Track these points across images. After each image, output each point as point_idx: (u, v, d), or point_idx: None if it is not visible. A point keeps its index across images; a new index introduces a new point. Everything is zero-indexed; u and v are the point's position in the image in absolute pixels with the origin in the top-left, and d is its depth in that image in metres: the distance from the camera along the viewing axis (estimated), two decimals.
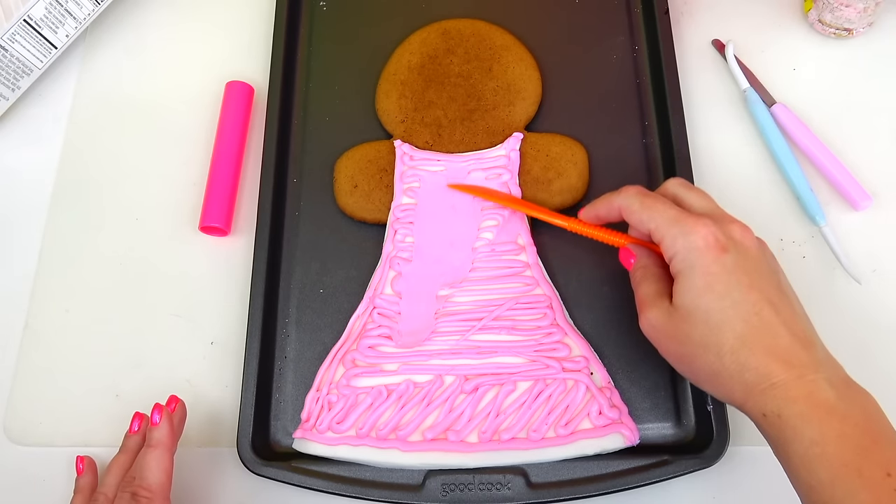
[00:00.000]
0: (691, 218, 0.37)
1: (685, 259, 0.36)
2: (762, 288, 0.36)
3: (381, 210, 0.47)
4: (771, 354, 0.34)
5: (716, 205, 0.39)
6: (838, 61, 0.52)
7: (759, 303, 0.35)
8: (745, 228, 0.37)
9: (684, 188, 0.40)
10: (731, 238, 0.36)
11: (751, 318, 0.35)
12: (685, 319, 0.36)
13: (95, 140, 0.53)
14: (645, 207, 0.38)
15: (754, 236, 0.37)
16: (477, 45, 0.52)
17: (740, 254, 0.36)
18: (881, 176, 0.48)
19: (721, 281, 0.35)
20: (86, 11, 0.53)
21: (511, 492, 0.41)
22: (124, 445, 0.42)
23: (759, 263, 0.37)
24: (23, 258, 0.50)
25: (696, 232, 0.36)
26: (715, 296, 0.35)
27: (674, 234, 0.36)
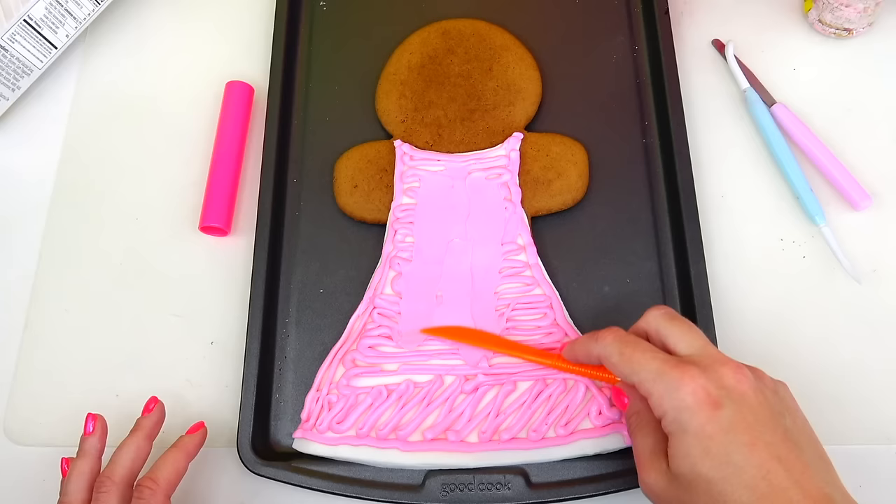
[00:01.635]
0: (676, 370, 0.33)
1: (675, 420, 0.33)
2: (767, 442, 0.32)
3: (381, 210, 0.47)
4: None
5: (703, 341, 0.35)
6: (838, 61, 0.52)
7: (765, 464, 0.31)
8: (738, 371, 0.33)
9: (666, 321, 0.36)
10: (724, 388, 0.33)
11: (758, 485, 0.31)
12: (685, 489, 0.32)
13: (95, 140, 0.53)
14: (625, 360, 0.35)
15: (749, 377, 0.34)
16: (477, 45, 0.52)
17: (737, 405, 0.32)
18: (881, 176, 0.48)
19: (718, 443, 0.32)
20: (86, 11, 0.53)
21: (511, 492, 0.41)
22: (82, 449, 0.41)
23: (759, 412, 0.33)
24: (23, 258, 0.50)
25: (683, 387, 0.32)
26: (714, 462, 0.31)
27: (660, 391, 0.33)
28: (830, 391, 0.44)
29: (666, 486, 0.33)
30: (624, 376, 0.35)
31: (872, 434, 0.43)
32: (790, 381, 0.44)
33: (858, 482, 0.42)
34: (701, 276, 0.44)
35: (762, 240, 0.48)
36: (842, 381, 0.44)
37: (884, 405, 0.44)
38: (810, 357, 0.45)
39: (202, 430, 0.42)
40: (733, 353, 0.44)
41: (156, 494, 0.38)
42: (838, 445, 0.43)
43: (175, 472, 0.40)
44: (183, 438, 0.42)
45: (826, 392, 0.44)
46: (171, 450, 0.41)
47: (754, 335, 0.45)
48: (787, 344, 0.45)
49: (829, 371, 0.44)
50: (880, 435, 0.43)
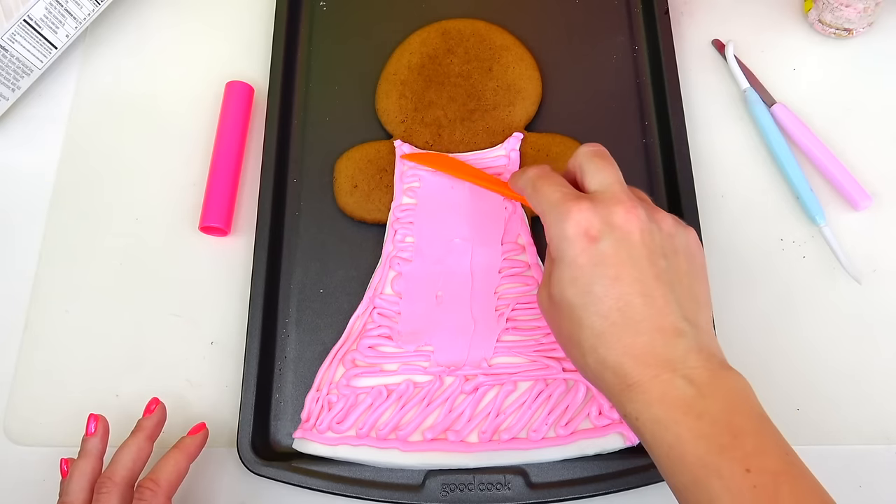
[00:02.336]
0: (569, 202, 0.34)
1: (557, 248, 0.35)
2: (634, 278, 0.33)
3: (381, 210, 0.47)
4: (627, 353, 0.33)
5: (615, 178, 0.36)
6: (838, 61, 0.52)
7: (624, 296, 0.33)
8: (629, 210, 0.34)
9: (588, 158, 0.37)
10: (610, 223, 0.34)
11: (611, 314, 0.33)
12: (556, 310, 0.35)
13: (95, 140, 0.53)
14: (534, 191, 0.37)
15: (641, 217, 0.34)
16: (477, 45, 0.52)
17: (616, 241, 0.34)
18: (881, 176, 0.48)
19: (585, 273, 0.33)
20: (86, 11, 0.53)
21: (511, 492, 0.41)
22: (84, 449, 0.41)
23: (637, 250, 0.34)
24: (23, 258, 0.50)
25: (569, 219, 0.34)
26: (578, 290, 0.34)
27: (550, 221, 0.35)
28: (830, 391, 0.44)
29: (548, 306, 0.36)
30: (533, 206, 0.37)
31: (872, 434, 0.43)
32: (790, 381, 0.44)
33: (858, 482, 0.42)
34: None
35: (762, 240, 0.48)
36: (841, 380, 0.44)
37: (884, 405, 0.44)
38: (810, 357, 0.45)
39: (203, 432, 0.42)
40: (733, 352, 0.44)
41: (157, 496, 0.38)
42: (838, 445, 0.43)
43: (176, 473, 0.40)
44: (184, 440, 0.42)
45: (826, 392, 0.44)
46: (172, 451, 0.41)
47: (754, 335, 0.45)
48: (787, 344, 0.45)
49: (829, 371, 0.44)
50: (880, 435, 0.43)
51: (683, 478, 0.31)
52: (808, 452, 0.43)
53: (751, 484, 0.30)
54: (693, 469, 0.31)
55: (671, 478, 0.32)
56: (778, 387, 0.44)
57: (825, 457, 0.42)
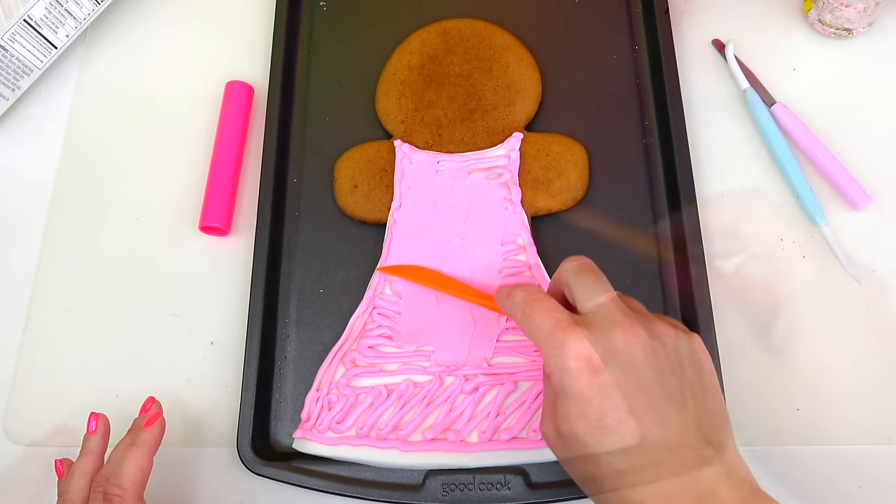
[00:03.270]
0: (563, 332, 0.33)
1: (559, 381, 0.33)
2: (646, 408, 0.32)
3: (381, 210, 0.47)
4: (651, 493, 0.31)
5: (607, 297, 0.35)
6: (838, 61, 0.52)
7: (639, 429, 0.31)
8: (629, 332, 0.33)
9: (574, 275, 0.36)
10: (611, 350, 0.32)
11: (628, 451, 0.31)
12: (567, 446, 0.33)
13: (95, 140, 0.53)
14: (525, 319, 0.35)
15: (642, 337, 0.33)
16: (477, 45, 0.52)
17: (620, 369, 0.32)
18: (881, 176, 0.48)
19: (594, 408, 0.32)
20: (86, 11, 0.53)
21: (511, 492, 0.41)
22: (85, 448, 0.40)
23: (644, 374, 0.32)
24: (23, 258, 0.50)
25: (568, 351, 0.32)
26: (588, 425, 0.32)
27: (547, 353, 0.33)
28: (830, 391, 0.44)
29: (555, 441, 0.34)
30: (524, 332, 0.35)
31: (872, 434, 0.43)
32: (790, 381, 0.44)
33: (858, 482, 0.42)
34: (701, 277, 0.44)
35: (762, 240, 0.48)
36: (842, 381, 0.44)
37: (884, 405, 0.44)
38: (810, 357, 0.45)
39: (160, 421, 0.40)
40: (734, 352, 0.44)
41: (126, 500, 0.36)
42: (838, 445, 0.43)
43: (141, 472, 0.38)
44: (141, 433, 0.39)
45: (826, 392, 0.44)
46: (130, 448, 0.38)
47: (754, 335, 0.45)
48: (787, 344, 0.45)
49: (829, 371, 0.44)
50: (880, 435, 0.43)
51: None
52: (808, 452, 0.43)
53: None
54: None
55: None
56: (778, 387, 0.44)
57: (825, 457, 0.43)
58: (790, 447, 0.43)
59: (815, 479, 0.42)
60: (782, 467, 0.42)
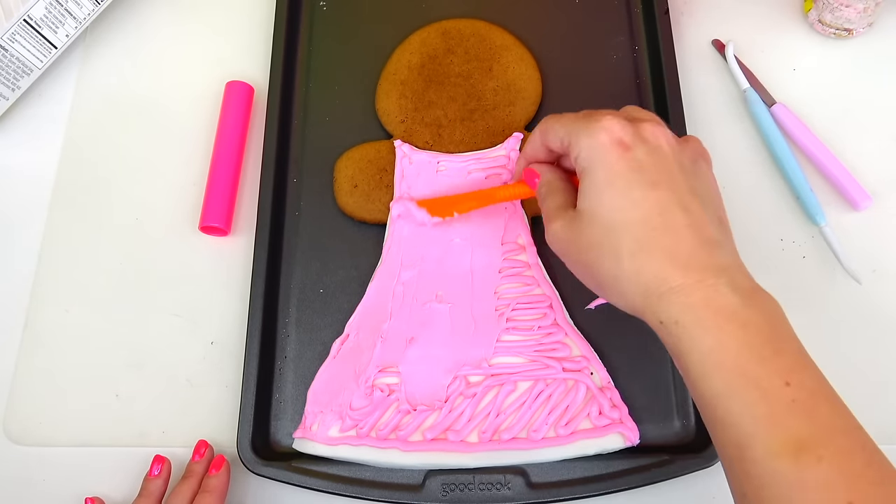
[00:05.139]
0: (598, 114, 0.35)
1: (588, 157, 0.34)
2: (670, 187, 0.33)
3: (381, 210, 0.47)
4: (670, 257, 0.32)
5: (640, 109, 0.37)
6: (838, 61, 0.52)
7: (663, 202, 0.33)
8: (658, 126, 0.35)
9: (578, 116, 0.37)
10: (640, 135, 0.34)
11: (652, 219, 0.33)
12: (587, 223, 0.34)
13: (95, 140, 0.53)
14: (560, 119, 0.37)
15: (669, 135, 0.35)
16: (477, 45, 0.52)
17: (649, 151, 0.34)
18: (881, 176, 0.48)
19: (623, 178, 0.33)
20: (86, 11, 0.53)
21: (511, 492, 0.41)
22: (146, 489, 0.41)
23: (669, 162, 0.34)
24: (23, 258, 0.50)
25: (600, 128, 0.34)
26: (615, 193, 0.33)
27: (579, 131, 0.35)
28: None
29: (569, 228, 0.35)
30: (556, 134, 0.37)
31: (872, 434, 0.43)
32: None
33: None
34: None
35: (762, 240, 0.48)
36: (842, 380, 0.44)
37: (884, 405, 0.44)
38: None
39: (226, 465, 0.42)
40: None
41: None
42: None
43: None
44: (210, 480, 0.41)
45: None
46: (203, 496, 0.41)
47: None
48: None
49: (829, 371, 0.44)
50: (880, 435, 0.43)
51: (716, 384, 0.31)
52: None
53: (789, 398, 0.29)
54: (730, 377, 0.30)
55: (701, 382, 0.31)
56: None
57: None
58: None
59: None
60: None
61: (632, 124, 0.35)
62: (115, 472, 0.44)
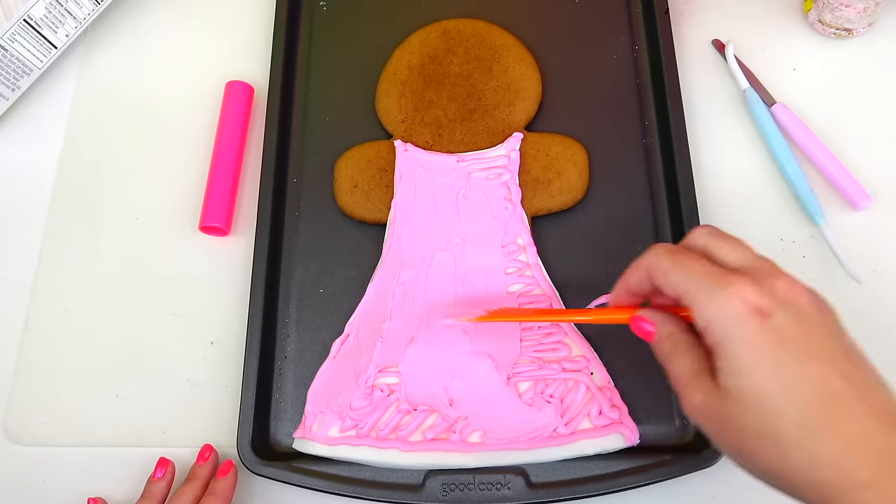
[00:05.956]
0: (726, 277, 0.30)
1: (723, 328, 0.29)
2: (826, 356, 0.29)
3: (381, 210, 0.47)
4: (850, 444, 0.27)
5: (755, 254, 0.33)
6: (838, 61, 0.52)
7: (824, 378, 0.28)
8: (792, 283, 0.31)
9: (714, 237, 0.33)
10: (777, 298, 0.30)
11: (814, 400, 0.28)
12: (736, 405, 0.29)
13: (95, 140, 0.53)
14: (676, 265, 0.32)
15: (806, 290, 0.31)
16: (477, 45, 0.52)
17: (791, 316, 0.29)
18: (881, 176, 0.48)
19: (770, 353, 0.29)
20: (86, 11, 0.53)
21: (511, 492, 0.41)
22: (149, 491, 0.42)
23: (816, 326, 0.30)
24: (23, 258, 0.50)
25: (732, 293, 0.29)
26: (765, 373, 0.28)
27: (705, 296, 0.30)
28: None
29: (714, 405, 0.30)
30: (671, 285, 0.32)
31: None
32: None
33: None
34: None
35: (762, 240, 0.47)
36: None
37: None
38: None
39: (234, 470, 0.42)
40: None
41: None
42: None
43: None
44: (218, 483, 0.41)
45: None
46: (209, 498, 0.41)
47: None
48: None
49: None
50: None
51: None
52: None
53: None
54: None
55: None
56: None
57: None
58: None
59: None
60: None
61: (766, 283, 0.30)
62: (115, 472, 0.44)
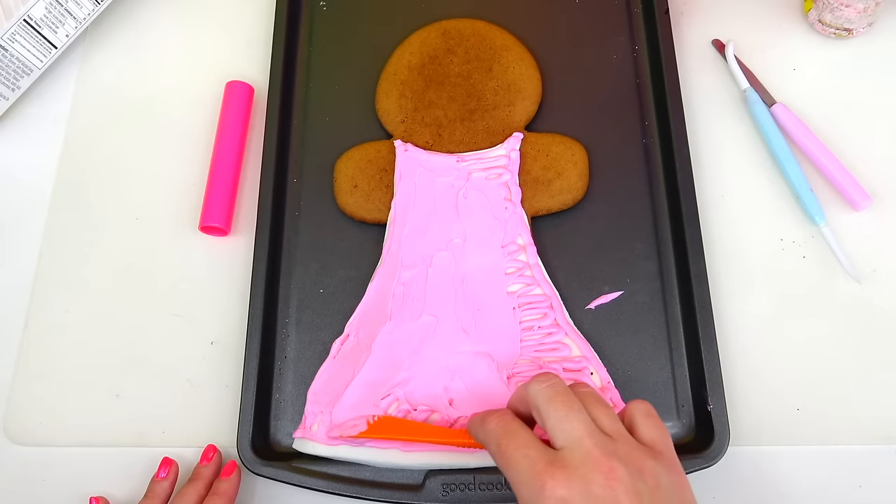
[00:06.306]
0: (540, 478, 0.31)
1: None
2: None
3: (381, 210, 0.47)
4: None
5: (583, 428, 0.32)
6: (838, 61, 0.52)
7: None
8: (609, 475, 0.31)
9: (545, 401, 0.33)
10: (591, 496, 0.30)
11: None
12: None
13: (95, 140, 0.53)
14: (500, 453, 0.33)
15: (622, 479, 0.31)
16: (477, 45, 0.52)
17: None
18: (881, 176, 0.48)
19: None
20: (86, 11, 0.53)
21: (511, 492, 0.41)
22: (153, 491, 0.42)
23: None
24: (23, 258, 0.50)
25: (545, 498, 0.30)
26: None
27: (523, 496, 0.32)
28: (830, 391, 0.44)
29: None
30: (500, 468, 0.33)
31: (872, 434, 0.43)
32: (790, 381, 0.44)
33: (858, 482, 0.42)
34: (701, 276, 0.44)
35: (762, 240, 0.48)
36: (842, 381, 0.44)
37: (884, 405, 0.44)
38: (810, 357, 0.45)
39: (238, 471, 0.42)
40: (733, 354, 0.44)
41: None
42: (838, 445, 0.43)
43: None
44: (221, 484, 0.42)
45: (826, 392, 0.44)
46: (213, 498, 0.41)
47: (754, 335, 0.45)
48: (788, 344, 0.45)
49: (829, 371, 0.44)
50: (880, 435, 0.43)
51: None
52: (808, 452, 0.43)
53: None
54: None
55: None
56: (778, 387, 0.44)
57: (825, 457, 0.43)
58: (790, 447, 0.43)
59: (815, 479, 0.42)
60: (782, 467, 0.42)
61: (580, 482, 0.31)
62: (115, 472, 0.44)
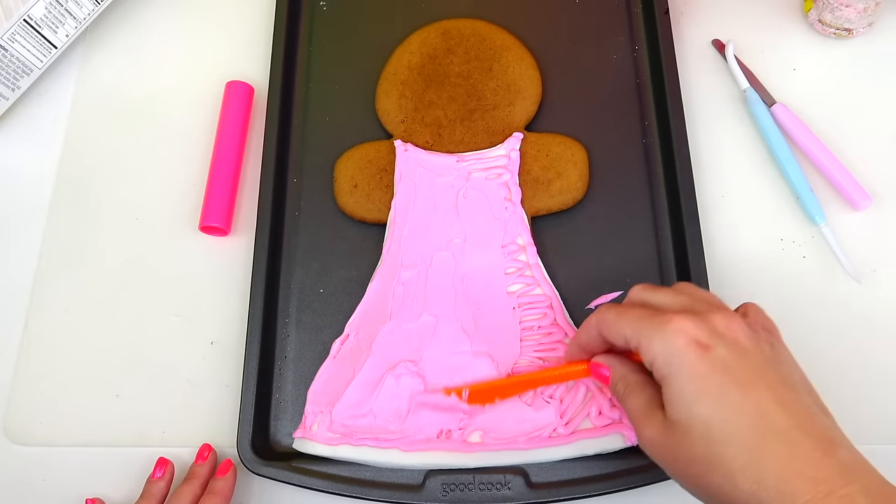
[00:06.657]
0: (666, 315, 0.32)
1: (667, 363, 0.32)
2: (764, 384, 0.31)
3: (381, 210, 0.47)
4: (788, 468, 0.29)
5: (690, 294, 0.35)
6: (838, 61, 0.52)
7: (764, 404, 0.30)
8: (729, 317, 0.33)
9: (650, 290, 0.36)
10: (715, 332, 0.32)
11: (757, 426, 0.30)
12: (683, 435, 0.31)
13: (95, 140, 0.53)
14: (620, 315, 0.34)
15: (742, 324, 0.33)
16: (477, 44, 0.52)
17: (729, 348, 0.31)
18: (881, 176, 0.48)
19: (712, 383, 0.31)
20: (86, 11, 0.53)
21: (511, 492, 0.41)
22: (148, 491, 0.42)
23: (754, 356, 0.32)
24: (23, 258, 0.50)
25: (672, 330, 0.32)
26: (710, 403, 0.30)
27: (649, 334, 0.32)
28: (830, 391, 0.43)
29: (665, 438, 0.32)
30: (618, 333, 0.34)
31: (873, 434, 0.43)
32: None
33: None
34: (701, 276, 0.44)
35: (762, 240, 0.48)
36: (842, 381, 0.44)
37: (884, 405, 0.44)
38: (810, 357, 0.44)
39: (234, 469, 0.42)
40: None
41: None
42: None
43: None
44: (217, 482, 0.42)
45: (826, 392, 0.43)
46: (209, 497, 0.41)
47: None
48: (787, 344, 0.45)
49: (830, 371, 0.44)
50: (881, 435, 0.43)
51: None
52: None
53: None
54: None
55: None
56: None
57: None
58: None
59: None
60: None
61: (704, 319, 0.32)
62: (114, 472, 0.44)
